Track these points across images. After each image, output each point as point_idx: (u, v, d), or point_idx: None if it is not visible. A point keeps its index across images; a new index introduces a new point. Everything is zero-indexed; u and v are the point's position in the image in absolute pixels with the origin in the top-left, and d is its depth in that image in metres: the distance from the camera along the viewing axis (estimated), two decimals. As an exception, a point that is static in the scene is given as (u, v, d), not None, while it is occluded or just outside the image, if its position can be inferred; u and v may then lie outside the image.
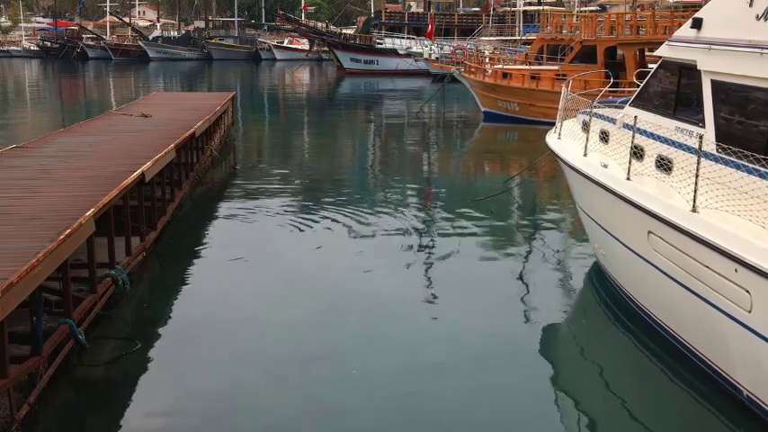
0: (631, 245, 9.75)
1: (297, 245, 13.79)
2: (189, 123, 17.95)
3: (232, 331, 9.82)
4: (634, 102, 10.91)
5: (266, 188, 18.69)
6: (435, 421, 7.71)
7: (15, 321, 7.83)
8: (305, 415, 7.79)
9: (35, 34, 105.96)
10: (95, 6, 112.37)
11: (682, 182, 8.50)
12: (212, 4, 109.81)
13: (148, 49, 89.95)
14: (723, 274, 7.51)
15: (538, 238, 14.43)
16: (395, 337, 9.66)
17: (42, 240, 7.90)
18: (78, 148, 14.46)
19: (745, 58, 8.29)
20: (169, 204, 14.43)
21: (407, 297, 11.05)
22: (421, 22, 69.61)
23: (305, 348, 9.27)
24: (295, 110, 42.52)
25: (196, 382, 8.46)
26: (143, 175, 11.86)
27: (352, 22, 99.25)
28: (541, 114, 28.96)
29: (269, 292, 11.38)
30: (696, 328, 8.52)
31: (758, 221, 7.34)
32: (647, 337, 9.69)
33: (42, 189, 10.73)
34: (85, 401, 8.20)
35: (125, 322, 10.14)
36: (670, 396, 8.43)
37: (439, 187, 19.87)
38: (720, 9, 9.24)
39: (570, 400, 8.32)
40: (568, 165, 11.81)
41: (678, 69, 9.81)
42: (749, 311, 7.25)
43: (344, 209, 16.44)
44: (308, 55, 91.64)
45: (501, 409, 8.06)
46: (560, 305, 10.99)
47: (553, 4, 60.58)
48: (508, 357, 9.26)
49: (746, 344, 7.41)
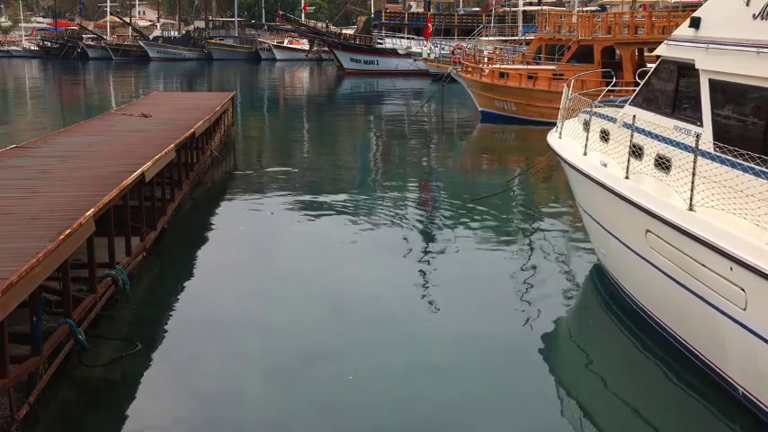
0: (630, 243, 9.79)
1: (297, 245, 13.81)
2: (189, 123, 17.97)
3: (232, 331, 9.84)
4: (633, 101, 10.95)
5: (266, 188, 18.72)
6: (435, 421, 7.74)
7: (15, 321, 7.85)
8: (305, 415, 7.81)
9: (33, 34, 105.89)
10: (95, 6, 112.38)
11: (679, 180, 8.53)
12: (212, 4, 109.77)
13: (149, 49, 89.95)
14: (719, 273, 7.55)
15: (539, 237, 14.45)
16: (395, 338, 9.68)
17: (42, 240, 7.91)
18: (78, 148, 14.47)
19: (743, 58, 8.32)
20: (169, 204, 14.44)
21: (407, 297, 11.07)
22: (421, 22, 69.53)
23: (305, 348, 9.29)
24: (295, 110, 42.54)
25: (196, 382, 8.49)
26: (143, 175, 11.88)
27: (352, 22, 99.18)
28: (538, 114, 28.99)
29: (269, 291, 11.40)
30: (693, 326, 8.55)
31: (754, 220, 7.37)
32: (646, 336, 9.72)
33: (42, 189, 10.75)
34: (85, 401, 8.22)
35: (125, 322, 10.16)
36: (668, 393, 8.47)
37: (438, 187, 19.91)
38: (718, 8, 9.28)
39: (570, 399, 8.35)
40: (569, 164, 11.85)
41: (676, 69, 9.84)
42: (744, 309, 7.28)
43: (344, 209, 16.47)
44: (308, 55, 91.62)
45: (501, 409, 8.08)
46: (561, 304, 11.01)
47: (553, 4, 60.53)
48: (508, 356, 9.29)
49: (742, 341, 7.44)
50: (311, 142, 29.56)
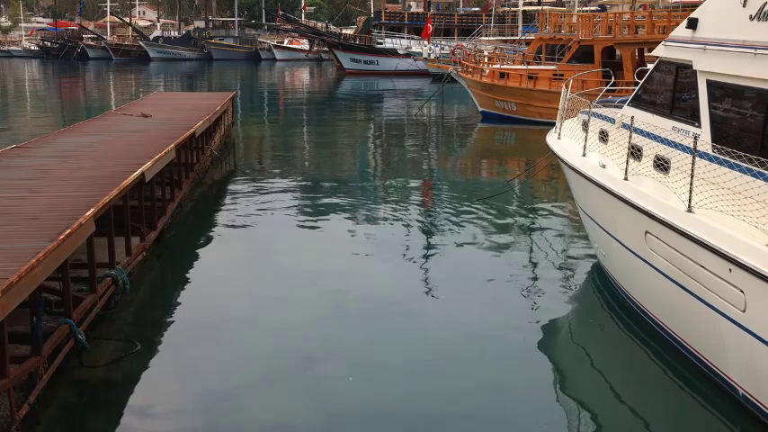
0: (629, 245, 9.80)
1: (297, 245, 13.83)
2: (189, 123, 17.98)
3: (232, 331, 9.86)
4: (632, 101, 10.96)
5: (266, 188, 18.73)
6: (436, 421, 7.75)
7: (15, 321, 7.86)
8: (305, 415, 7.83)
9: (33, 34, 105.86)
10: (96, 6, 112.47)
11: (678, 182, 8.55)
12: (212, 4, 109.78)
13: (149, 49, 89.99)
14: (718, 274, 7.56)
15: (539, 238, 14.46)
16: (395, 338, 9.70)
17: (42, 240, 7.93)
18: (78, 148, 14.48)
19: (740, 59, 8.34)
20: (169, 204, 14.45)
21: (407, 297, 11.09)
22: (421, 22, 69.49)
23: (305, 348, 9.31)
24: (295, 110, 42.54)
25: (196, 383, 8.51)
26: (143, 175, 11.90)
27: (352, 22, 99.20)
28: (539, 114, 29.02)
29: (269, 291, 11.42)
30: (692, 327, 8.56)
31: (752, 221, 7.39)
32: (646, 337, 9.74)
33: (42, 189, 10.77)
34: (85, 402, 8.22)
35: (125, 322, 10.17)
36: (668, 394, 8.48)
37: (438, 187, 19.92)
38: (715, 10, 9.29)
39: (569, 399, 8.36)
40: (568, 165, 11.86)
41: (674, 69, 9.86)
42: (743, 311, 7.30)
43: (344, 209, 16.49)
44: (307, 55, 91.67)
45: (501, 409, 8.10)
46: (561, 305, 11.03)
47: (553, 4, 60.53)
48: (508, 356, 9.31)
49: (741, 343, 7.45)
50: (311, 142, 29.57)
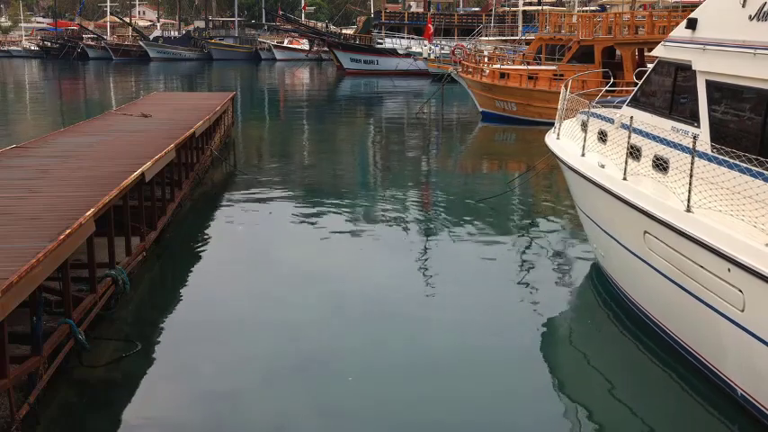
0: (628, 245, 9.81)
1: (297, 245, 13.84)
2: (189, 123, 17.99)
3: (232, 331, 9.87)
4: (631, 102, 10.97)
5: (266, 188, 18.74)
6: (436, 421, 7.76)
7: (15, 321, 7.87)
8: (305, 415, 7.84)
9: (33, 34, 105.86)
10: (96, 6, 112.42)
11: (677, 182, 8.56)
12: (212, 4, 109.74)
13: (149, 49, 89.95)
14: (716, 274, 7.57)
15: (538, 238, 14.47)
16: (395, 338, 9.71)
17: (42, 240, 7.94)
18: (78, 148, 14.50)
19: (739, 59, 8.35)
20: (169, 204, 14.47)
21: (407, 297, 11.10)
22: (421, 22, 69.53)
23: (305, 348, 9.32)
24: (295, 110, 42.54)
25: (196, 383, 8.52)
26: (143, 175, 11.91)
27: (352, 22, 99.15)
28: (539, 114, 29.02)
29: (269, 291, 11.43)
30: (691, 327, 8.57)
31: (751, 221, 7.40)
32: (644, 337, 9.75)
33: (42, 189, 10.78)
34: (85, 402, 8.24)
35: (125, 322, 10.18)
36: (666, 394, 8.49)
37: (439, 187, 19.92)
38: (714, 10, 9.30)
39: (568, 399, 8.37)
40: (567, 165, 11.87)
41: (674, 69, 9.87)
42: (742, 311, 7.31)
43: (344, 209, 16.50)
44: (308, 55, 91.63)
45: (500, 409, 8.11)
46: (560, 305, 11.04)
47: (553, 4, 60.53)
48: (508, 356, 9.32)
49: (740, 343, 7.46)
50: (311, 142, 29.58)
